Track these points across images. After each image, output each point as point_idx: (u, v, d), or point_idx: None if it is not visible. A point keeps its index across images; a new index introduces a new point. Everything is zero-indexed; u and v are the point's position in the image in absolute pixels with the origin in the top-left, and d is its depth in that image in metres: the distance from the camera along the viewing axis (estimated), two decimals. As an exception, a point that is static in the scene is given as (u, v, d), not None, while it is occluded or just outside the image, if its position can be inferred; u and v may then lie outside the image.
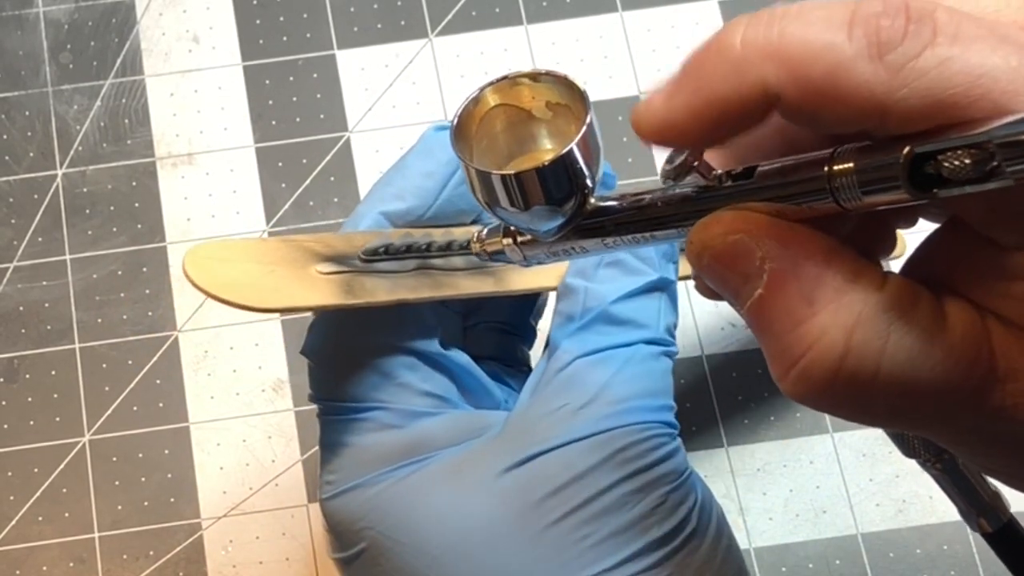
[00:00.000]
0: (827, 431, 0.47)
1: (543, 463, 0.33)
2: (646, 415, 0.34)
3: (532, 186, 0.24)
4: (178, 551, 0.46)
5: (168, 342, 0.48)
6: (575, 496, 0.33)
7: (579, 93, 0.25)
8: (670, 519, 0.33)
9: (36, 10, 0.52)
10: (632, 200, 0.25)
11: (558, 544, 0.32)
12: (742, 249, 0.22)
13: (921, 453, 0.33)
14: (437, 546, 0.33)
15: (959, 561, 0.46)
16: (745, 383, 0.48)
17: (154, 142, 0.50)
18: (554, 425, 0.34)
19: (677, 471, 0.34)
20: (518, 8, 0.52)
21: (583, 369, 0.35)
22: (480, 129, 0.26)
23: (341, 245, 0.35)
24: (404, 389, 0.35)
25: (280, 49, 0.52)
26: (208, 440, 0.47)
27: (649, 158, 0.50)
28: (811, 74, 0.20)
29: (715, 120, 0.21)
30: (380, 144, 0.51)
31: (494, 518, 0.33)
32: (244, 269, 0.33)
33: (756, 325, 0.22)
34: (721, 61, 0.21)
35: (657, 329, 0.36)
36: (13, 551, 0.46)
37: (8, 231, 0.49)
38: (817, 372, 0.21)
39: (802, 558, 0.46)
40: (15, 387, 0.48)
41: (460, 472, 0.34)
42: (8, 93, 0.51)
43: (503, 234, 0.29)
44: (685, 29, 0.52)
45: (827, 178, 0.20)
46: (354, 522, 0.34)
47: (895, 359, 0.20)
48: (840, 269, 0.21)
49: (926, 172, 0.19)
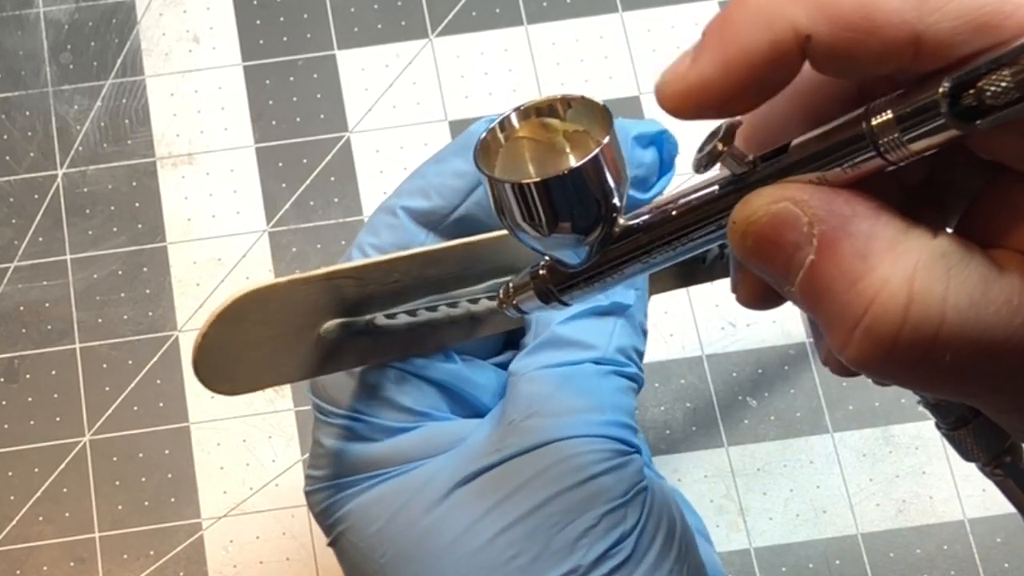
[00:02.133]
0: (827, 431, 0.47)
1: (486, 480, 0.33)
2: (588, 428, 0.33)
3: (554, 196, 0.24)
4: (178, 551, 0.46)
5: (168, 342, 0.48)
6: (508, 513, 0.32)
7: (599, 111, 0.24)
8: (600, 542, 0.32)
9: (36, 10, 0.52)
10: (661, 210, 0.24)
11: (490, 563, 0.32)
12: (788, 216, 0.21)
13: (979, 455, 0.32)
14: (383, 555, 0.33)
15: (959, 561, 0.46)
16: (745, 383, 0.48)
17: (154, 142, 0.50)
18: (497, 440, 0.33)
19: (619, 489, 0.33)
20: (518, 8, 0.52)
21: (526, 385, 0.34)
22: (506, 153, 0.26)
23: (375, 284, 0.34)
24: (384, 404, 0.35)
25: (280, 49, 0.52)
26: (208, 440, 0.47)
27: (649, 158, 0.50)
28: (842, 10, 0.20)
29: (747, 75, 0.21)
30: (380, 144, 0.51)
31: (435, 534, 0.33)
32: (254, 332, 0.33)
33: (811, 295, 0.21)
34: (749, 11, 0.20)
35: (606, 349, 0.35)
36: (13, 551, 0.46)
37: (8, 231, 0.49)
38: (883, 326, 0.20)
39: (802, 558, 0.46)
40: (15, 387, 0.48)
41: (415, 488, 0.34)
42: (8, 93, 0.51)
43: (531, 278, 0.28)
44: (685, 29, 0.52)
45: (868, 132, 0.20)
46: (327, 517, 0.35)
47: (958, 305, 0.20)
48: (891, 222, 0.20)
49: (966, 105, 0.18)
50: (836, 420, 0.47)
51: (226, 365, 0.32)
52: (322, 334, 0.34)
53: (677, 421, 0.47)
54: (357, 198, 0.50)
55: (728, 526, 0.46)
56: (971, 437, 0.32)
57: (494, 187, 0.25)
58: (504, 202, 0.25)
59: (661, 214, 0.24)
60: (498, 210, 0.25)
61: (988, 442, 0.31)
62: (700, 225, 0.24)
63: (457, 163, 0.36)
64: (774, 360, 0.48)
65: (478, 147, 0.25)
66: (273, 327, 0.33)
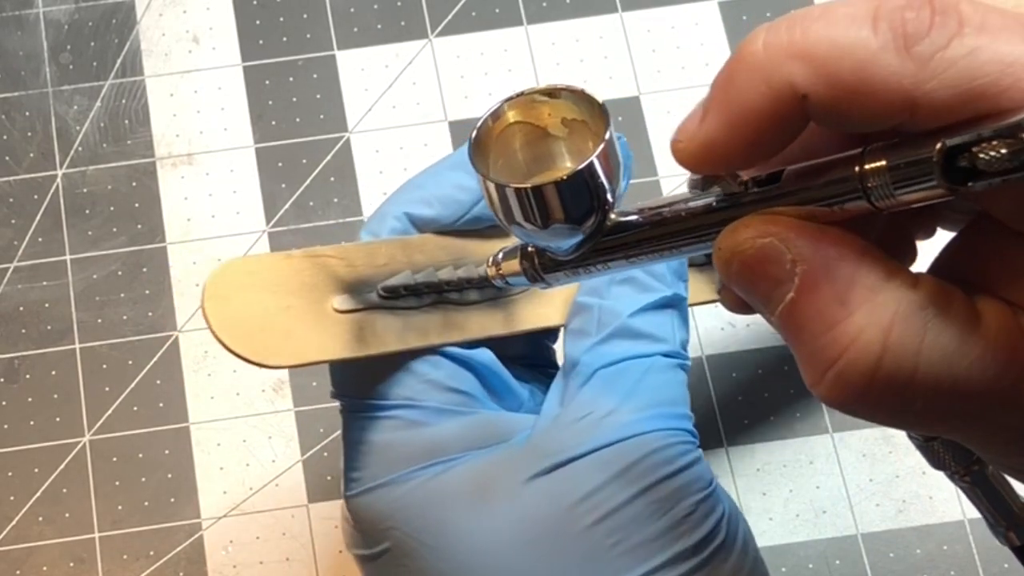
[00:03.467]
0: (827, 431, 0.47)
1: (571, 471, 0.33)
2: (669, 422, 0.34)
3: (551, 201, 0.24)
4: (178, 551, 0.46)
5: (168, 342, 0.48)
6: (606, 502, 0.33)
7: (598, 107, 0.24)
8: (700, 528, 0.33)
9: (36, 10, 0.52)
10: (653, 213, 0.25)
11: (589, 551, 0.32)
12: (772, 252, 0.21)
13: (949, 464, 0.33)
14: (464, 551, 0.33)
15: (959, 561, 0.46)
16: (745, 383, 0.48)
17: (154, 142, 0.50)
18: (579, 433, 0.34)
19: (705, 479, 0.34)
20: (518, 8, 0.52)
21: (605, 379, 0.35)
22: (498, 145, 0.26)
23: (363, 263, 0.35)
24: (430, 386, 0.35)
25: (280, 49, 0.52)
26: (208, 440, 0.47)
27: (649, 158, 0.50)
28: (839, 70, 0.20)
29: (752, 133, 0.21)
30: (380, 144, 0.51)
31: (523, 525, 0.33)
32: (260, 302, 0.33)
33: (788, 330, 0.21)
34: (746, 69, 0.21)
35: (673, 343, 0.36)
36: (13, 551, 0.46)
37: (8, 231, 0.49)
38: (854, 374, 0.20)
39: (802, 558, 0.46)
40: (15, 387, 0.48)
41: (487, 478, 0.34)
42: (8, 93, 0.51)
43: (520, 256, 0.29)
44: (685, 29, 0.52)
45: (859, 177, 0.20)
46: (380, 521, 0.34)
47: (931, 358, 0.20)
48: (873, 268, 0.21)
49: (959, 165, 0.19)
50: (836, 420, 0.47)
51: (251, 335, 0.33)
52: (337, 307, 0.34)
53: (677, 421, 0.47)
54: (357, 198, 0.50)
55: (728, 526, 0.46)
56: (943, 448, 0.32)
57: (489, 187, 0.25)
58: (500, 201, 0.25)
59: (653, 216, 0.25)
60: (492, 206, 0.25)
61: (957, 454, 0.32)
62: (688, 235, 0.24)
63: (460, 176, 0.36)
64: (774, 360, 0.48)
65: (471, 143, 0.25)
66: (276, 298, 0.33)
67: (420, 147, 0.50)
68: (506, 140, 0.26)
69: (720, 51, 0.51)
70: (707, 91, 0.22)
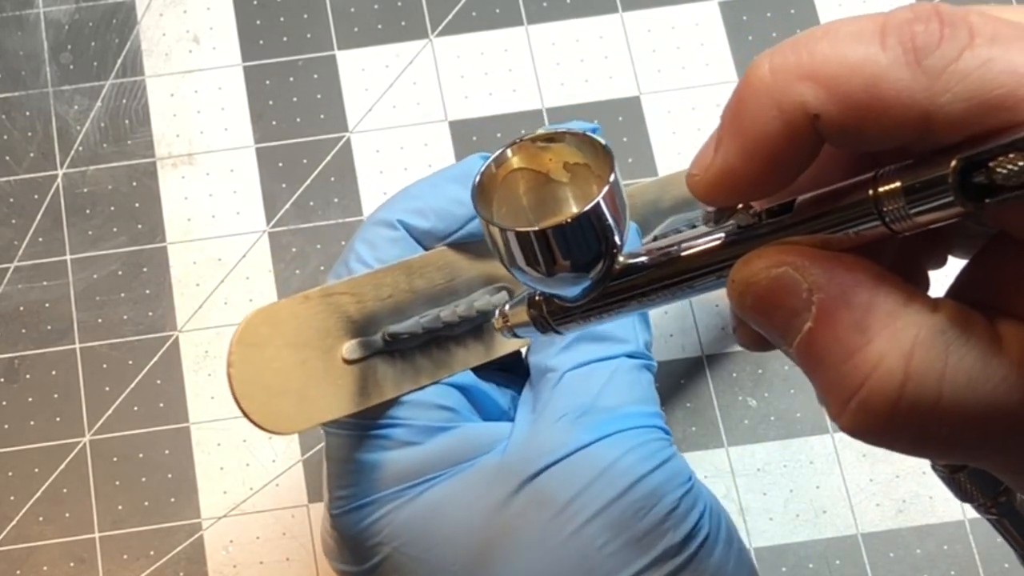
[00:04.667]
0: (827, 431, 0.47)
1: (555, 473, 0.33)
2: (641, 420, 0.34)
3: (556, 245, 0.23)
4: (178, 551, 0.46)
5: (168, 342, 0.48)
6: (591, 503, 0.33)
7: (601, 149, 0.24)
8: (684, 523, 0.33)
9: (36, 10, 0.52)
10: (662, 253, 0.24)
11: (580, 553, 0.32)
12: (787, 282, 0.21)
13: (976, 496, 0.33)
14: (455, 562, 0.33)
15: (959, 561, 0.46)
16: (745, 383, 0.48)
17: (154, 142, 0.50)
18: (556, 436, 0.34)
19: (682, 475, 0.34)
20: (518, 8, 0.52)
21: (574, 381, 0.35)
22: (502, 190, 0.25)
23: (370, 298, 0.35)
24: (419, 406, 0.35)
25: (280, 49, 0.52)
26: (208, 440, 0.47)
27: (649, 158, 0.50)
28: (850, 89, 0.19)
29: (767, 159, 0.20)
30: (380, 144, 0.51)
31: (513, 532, 0.33)
32: (279, 359, 0.33)
33: (807, 361, 0.21)
34: (756, 95, 0.20)
35: (637, 343, 0.36)
36: (14, 551, 0.46)
37: (8, 231, 0.49)
38: (878, 402, 0.20)
39: (802, 558, 0.46)
40: (15, 387, 0.48)
41: (475, 489, 0.34)
42: (8, 93, 0.51)
43: (528, 305, 0.28)
44: (685, 29, 0.52)
45: (873, 200, 0.20)
46: (369, 538, 0.34)
47: (955, 383, 0.19)
48: (891, 294, 0.20)
49: (976, 182, 0.18)
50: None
51: (267, 398, 0.32)
52: (346, 357, 0.34)
53: (677, 421, 0.47)
54: (357, 198, 0.50)
55: (728, 526, 0.46)
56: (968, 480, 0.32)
57: (492, 231, 0.24)
58: (503, 246, 0.24)
59: (662, 256, 0.24)
60: (496, 251, 0.25)
61: (984, 485, 0.32)
62: (700, 273, 0.24)
63: (456, 190, 0.36)
64: (774, 360, 0.48)
65: (475, 188, 0.25)
66: (295, 351, 0.33)
67: (420, 147, 0.50)
68: (510, 186, 0.25)
69: (720, 51, 0.51)
70: (718, 122, 0.21)
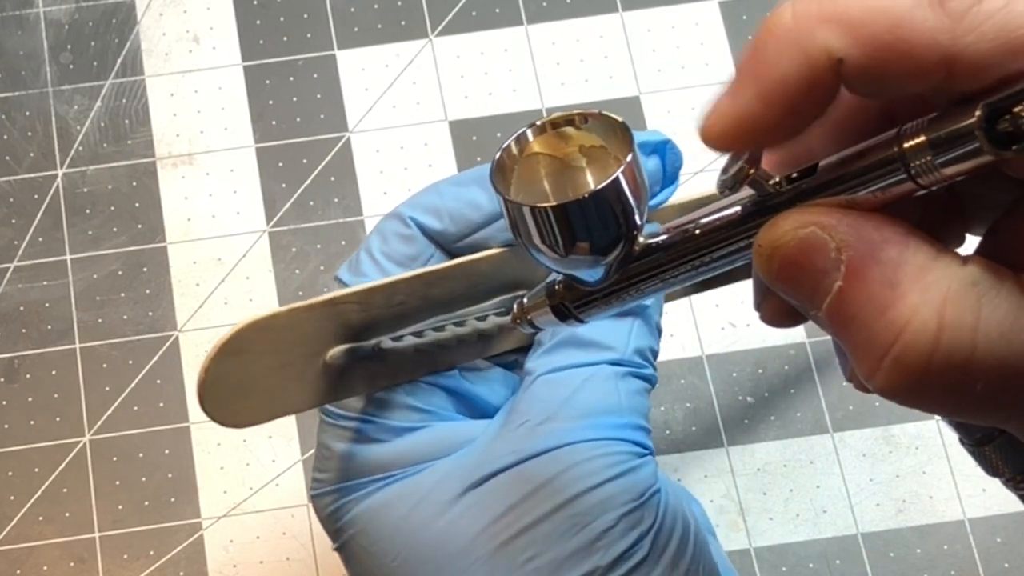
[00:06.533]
0: (827, 431, 0.47)
1: (500, 482, 0.33)
2: (605, 432, 0.33)
3: (574, 221, 0.23)
4: (178, 551, 0.46)
5: (168, 342, 0.48)
6: (523, 516, 0.32)
7: (620, 128, 0.24)
8: (618, 543, 0.32)
9: (36, 10, 0.52)
10: (682, 230, 0.24)
11: (507, 566, 0.32)
12: (815, 242, 0.21)
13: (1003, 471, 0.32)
14: (394, 559, 0.33)
15: (959, 561, 0.46)
16: (745, 383, 0.48)
17: (154, 142, 0.50)
18: (513, 443, 0.33)
19: (634, 491, 0.33)
20: (518, 8, 0.52)
21: (544, 386, 0.34)
22: (521, 170, 0.25)
23: (380, 306, 0.33)
24: (392, 405, 0.35)
25: (280, 49, 0.52)
26: (208, 440, 0.47)
27: (649, 158, 0.50)
28: (873, 30, 0.19)
29: (787, 103, 0.20)
30: (380, 144, 0.51)
31: (450, 537, 0.33)
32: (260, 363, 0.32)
33: (838, 322, 0.21)
34: (779, 40, 0.20)
35: (624, 351, 0.35)
36: (13, 551, 0.46)
37: (8, 231, 0.49)
38: (912, 356, 0.20)
39: (802, 558, 0.46)
40: (16, 387, 0.48)
41: (423, 492, 0.34)
42: (8, 93, 0.51)
43: (547, 294, 0.27)
44: (685, 29, 0.52)
45: (899, 156, 0.20)
46: (335, 521, 0.35)
47: (989, 334, 0.19)
48: (920, 249, 0.20)
49: (1002, 131, 0.18)
50: (836, 420, 0.47)
51: (232, 398, 0.32)
52: (328, 360, 0.33)
53: (677, 421, 0.47)
54: (357, 198, 0.50)
55: (728, 526, 0.46)
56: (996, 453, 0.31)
57: (510, 208, 0.24)
58: (520, 224, 0.24)
59: (682, 233, 0.24)
60: (514, 230, 0.24)
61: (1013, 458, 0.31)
62: (722, 246, 0.23)
63: (476, 194, 0.35)
64: (774, 360, 0.48)
65: (494, 166, 0.25)
66: (278, 356, 0.32)
67: (420, 147, 0.50)
68: (529, 167, 0.25)
69: (720, 51, 0.51)
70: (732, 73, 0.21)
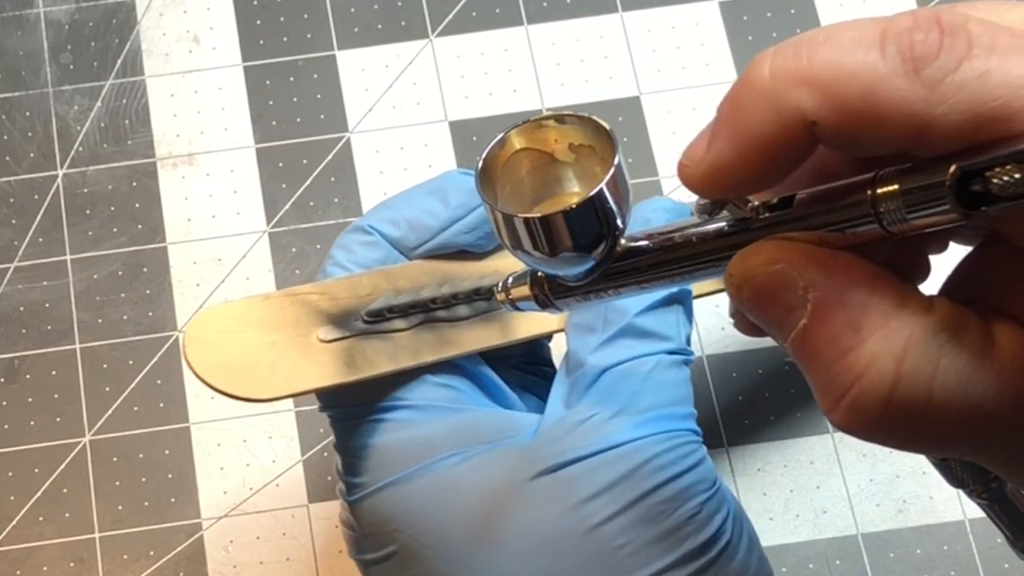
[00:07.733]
0: (827, 431, 0.47)
1: (578, 470, 0.33)
2: (675, 423, 0.34)
3: (560, 230, 0.24)
4: (179, 551, 0.46)
5: (169, 342, 0.48)
6: (613, 502, 0.33)
7: (605, 133, 0.24)
8: (706, 529, 0.33)
9: (36, 10, 0.52)
10: (664, 239, 0.24)
11: (599, 549, 0.32)
12: (784, 279, 0.21)
13: (967, 482, 0.33)
14: (468, 552, 0.33)
15: (959, 561, 0.46)
16: (745, 383, 0.48)
17: (154, 142, 0.50)
18: (584, 435, 0.34)
19: (709, 479, 0.34)
20: (518, 8, 0.52)
21: (611, 380, 0.35)
22: (505, 172, 0.25)
23: (345, 296, 0.35)
24: (422, 384, 0.35)
25: (280, 50, 0.52)
26: (209, 440, 0.47)
27: (649, 158, 0.50)
28: (847, 96, 0.19)
29: (760, 158, 0.21)
30: (380, 145, 0.51)
31: (528, 524, 0.33)
32: (243, 342, 0.33)
33: (801, 357, 0.21)
34: (754, 96, 0.20)
35: (679, 340, 0.36)
36: (13, 551, 0.46)
37: (8, 231, 0.49)
38: (869, 401, 0.20)
39: (802, 558, 0.46)
40: (16, 387, 0.48)
41: (491, 477, 0.34)
42: (8, 93, 0.51)
43: (530, 282, 0.28)
44: (685, 29, 0.52)
45: (871, 202, 0.20)
46: (385, 523, 0.34)
47: (946, 384, 0.20)
48: (886, 294, 0.20)
49: (972, 190, 0.18)
50: (836, 420, 0.47)
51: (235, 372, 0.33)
52: (322, 337, 0.34)
53: (677, 421, 0.47)
54: (357, 198, 0.50)
55: (728, 526, 0.46)
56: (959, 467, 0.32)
57: (496, 216, 0.24)
58: (506, 229, 0.25)
59: (663, 241, 0.25)
60: (499, 234, 0.25)
61: (975, 472, 0.32)
62: (699, 260, 0.24)
63: (430, 203, 0.36)
64: (774, 360, 0.48)
65: (479, 171, 0.25)
66: (262, 334, 0.33)
67: (420, 147, 0.50)
68: (513, 167, 0.25)
69: (720, 51, 0.51)
70: (713, 115, 0.21)
